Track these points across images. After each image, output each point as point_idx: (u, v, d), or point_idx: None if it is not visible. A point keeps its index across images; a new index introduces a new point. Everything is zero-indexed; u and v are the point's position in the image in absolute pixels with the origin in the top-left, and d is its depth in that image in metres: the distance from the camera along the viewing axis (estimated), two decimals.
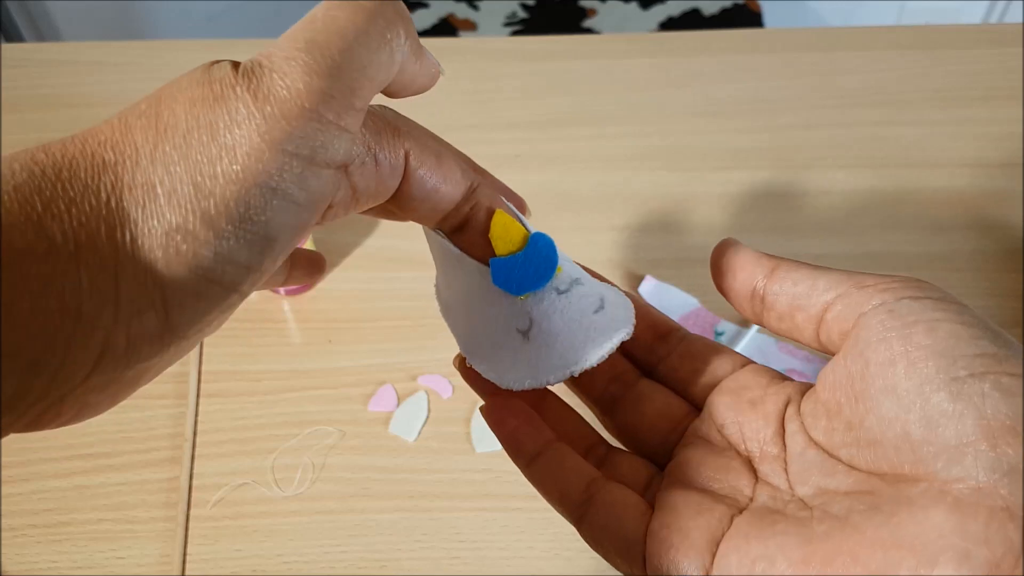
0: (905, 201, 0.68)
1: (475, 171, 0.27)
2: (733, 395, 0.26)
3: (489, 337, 0.30)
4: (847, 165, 0.70)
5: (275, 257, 0.21)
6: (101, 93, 0.75)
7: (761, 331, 0.59)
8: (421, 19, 1.23)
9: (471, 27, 1.23)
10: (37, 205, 0.18)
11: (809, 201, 0.68)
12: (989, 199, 0.67)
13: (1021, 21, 0.99)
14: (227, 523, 0.51)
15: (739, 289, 0.26)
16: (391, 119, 0.25)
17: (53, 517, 0.52)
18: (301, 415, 0.55)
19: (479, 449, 0.54)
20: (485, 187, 0.27)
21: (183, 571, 0.49)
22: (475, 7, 1.24)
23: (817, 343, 0.24)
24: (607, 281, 0.31)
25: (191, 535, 0.51)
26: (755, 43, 0.81)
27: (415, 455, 0.54)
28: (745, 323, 0.60)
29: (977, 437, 0.19)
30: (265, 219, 0.20)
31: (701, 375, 0.27)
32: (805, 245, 0.65)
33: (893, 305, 0.21)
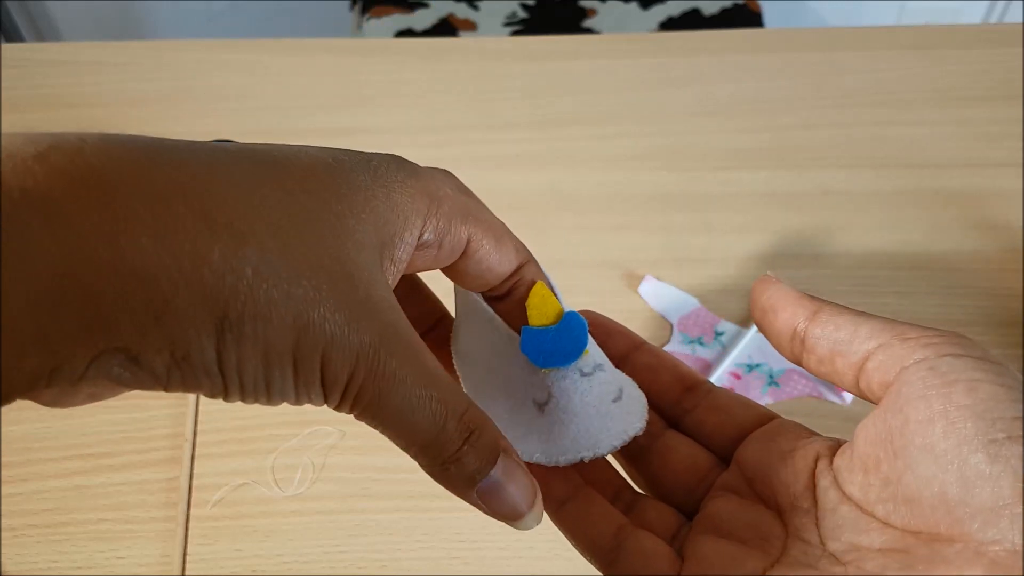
0: (905, 201, 0.68)
1: (525, 250, 0.28)
2: (763, 448, 0.26)
3: (504, 402, 0.31)
4: (847, 165, 0.70)
5: None
6: (101, 93, 0.75)
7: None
8: (421, 19, 1.23)
9: (471, 27, 1.23)
10: None
11: (809, 201, 0.68)
12: (989, 199, 0.67)
13: (1021, 21, 0.99)
14: (227, 523, 0.51)
15: (780, 329, 0.26)
16: (462, 205, 0.25)
17: (53, 517, 0.52)
18: (301, 415, 0.55)
19: None
20: (532, 264, 0.28)
21: (183, 571, 0.49)
22: (475, 7, 1.24)
23: (856, 390, 0.24)
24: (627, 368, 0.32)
25: (191, 535, 0.51)
26: (755, 43, 0.81)
27: None
28: (745, 323, 0.60)
29: (1014, 500, 0.19)
30: None
31: (728, 428, 0.28)
32: (805, 245, 0.65)
33: (934, 362, 0.21)
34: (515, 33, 1.21)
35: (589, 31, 1.20)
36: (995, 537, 0.19)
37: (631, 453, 0.29)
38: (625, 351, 0.31)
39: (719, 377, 0.57)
